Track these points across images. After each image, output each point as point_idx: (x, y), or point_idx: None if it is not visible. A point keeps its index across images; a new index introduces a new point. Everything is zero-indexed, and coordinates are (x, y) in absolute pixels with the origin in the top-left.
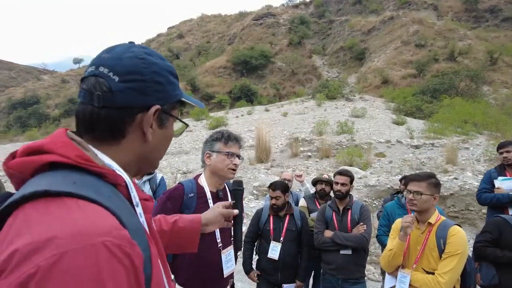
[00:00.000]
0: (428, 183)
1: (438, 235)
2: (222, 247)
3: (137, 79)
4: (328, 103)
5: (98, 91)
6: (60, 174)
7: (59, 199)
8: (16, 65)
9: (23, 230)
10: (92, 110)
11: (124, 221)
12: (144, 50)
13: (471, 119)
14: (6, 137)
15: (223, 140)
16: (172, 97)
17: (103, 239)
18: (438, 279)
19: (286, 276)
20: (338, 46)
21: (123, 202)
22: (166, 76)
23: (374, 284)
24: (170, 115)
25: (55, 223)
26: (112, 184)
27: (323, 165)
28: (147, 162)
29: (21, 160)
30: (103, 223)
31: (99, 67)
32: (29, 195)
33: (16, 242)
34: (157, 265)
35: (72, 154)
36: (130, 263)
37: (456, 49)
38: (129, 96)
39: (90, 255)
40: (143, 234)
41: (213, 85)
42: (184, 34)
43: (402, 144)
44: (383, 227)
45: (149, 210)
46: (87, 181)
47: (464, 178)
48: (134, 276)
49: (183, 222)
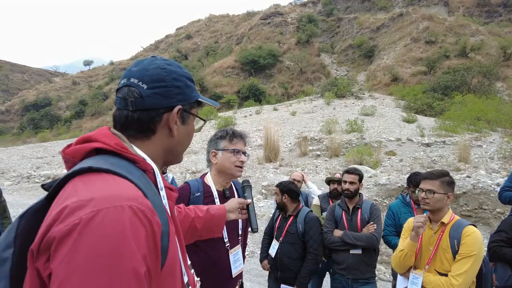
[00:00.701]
0: (442, 181)
1: (451, 235)
2: (230, 247)
3: (161, 85)
4: (337, 101)
5: (131, 97)
6: (102, 157)
7: (99, 174)
8: (29, 68)
9: (72, 193)
10: (127, 113)
11: (148, 196)
12: (165, 61)
13: (484, 116)
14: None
15: (228, 138)
16: (190, 98)
17: (130, 203)
18: (452, 281)
19: (285, 276)
20: (346, 44)
21: (149, 184)
22: (184, 81)
23: (384, 284)
24: (190, 113)
25: (95, 189)
26: (142, 170)
27: (332, 164)
28: (173, 154)
29: (74, 148)
30: (131, 192)
31: (130, 78)
32: (78, 169)
33: (66, 201)
34: (174, 242)
35: (112, 142)
36: (150, 226)
37: (468, 45)
38: (155, 99)
39: (118, 213)
40: (164, 212)
41: (222, 85)
42: (192, 35)
43: (413, 142)
44: (389, 227)
45: (173, 198)
46: (122, 163)
47: (477, 177)
48: (152, 239)
49: (213, 210)
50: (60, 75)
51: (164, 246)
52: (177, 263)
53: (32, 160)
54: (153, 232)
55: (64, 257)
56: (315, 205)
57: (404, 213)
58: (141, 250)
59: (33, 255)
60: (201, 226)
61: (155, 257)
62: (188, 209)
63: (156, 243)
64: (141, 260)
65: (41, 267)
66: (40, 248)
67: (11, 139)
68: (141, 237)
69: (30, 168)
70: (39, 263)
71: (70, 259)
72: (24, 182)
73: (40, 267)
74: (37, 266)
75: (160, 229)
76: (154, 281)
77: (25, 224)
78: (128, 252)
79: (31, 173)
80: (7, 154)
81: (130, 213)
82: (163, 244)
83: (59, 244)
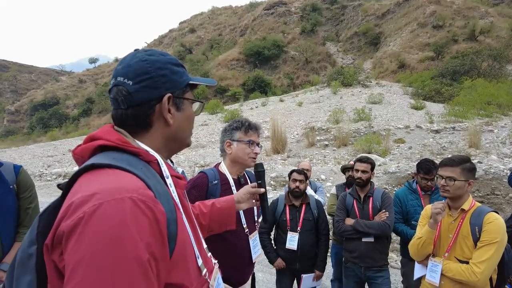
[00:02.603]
0: (463, 168)
1: (472, 222)
2: (249, 232)
3: (146, 78)
4: (344, 90)
5: (120, 96)
6: (106, 154)
7: (102, 170)
8: (35, 68)
9: (78, 190)
10: (121, 112)
11: (151, 186)
12: (146, 52)
13: (495, 101)
14: (30, 138)
15: (243, 129)
16: (180, 83)
17: (130, 194)
18: (473, 268)
19: (304, 265)
20: (352, 32)
21: (153, 174)
22: (170, 68)
23: (396, 272)
24: (184, 98)
25: (97, 184)
26: (146, 161)
27: (340, 154)
28: (176, 142)
29: (82, 147)
30: (131, 184)
31: (116, 77)
32: (82, 168)
33: (73, 198)
34: (183, 228)
35: (114, 138)
36: (153, 215)
37: (477, 28)
38: (144, 93)
39: (118, 205)
40: (170, 200)
41: (227, 78)
42: (196, 28)
43: (422, 129)
44: (395, 214)
45: (181, 186)
46: (124, 157)
47: (489, 162)
48: (157, 227)
49: (220, 203)
50: (66, 74)
51: (172, 233)
52: (188, 248)
53: (43, 159)
54: (156, 220)
55: (72, 248)
56: (332, 194)
57: (411, 200)
58: (143, 238)
59: (48, 249)
60: (207, 221)
61: (161, 244)
62: (192, 207)
63: (161, 230)
64: (144, 248)
65: (57, 260)
66: (53, 242)
67: (22, 139)
68: (143, 226)
69: (41, 167)
70: (54, 256)
71: (77, 249)
72: (36, 181)
73: (56, 260)
74: (53, 259)
75: (165, 217)
76: (163, 267)
77: (45, 221)
78: (129, 240)
79: (43, 172)
80: (19, 153)
81: (131, 204)
82: (171, 231)
83: (67, 238)
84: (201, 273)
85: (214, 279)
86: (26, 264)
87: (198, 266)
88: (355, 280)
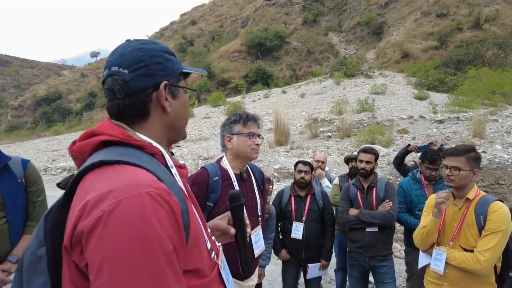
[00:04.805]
0: (467, 158)
1: (477, 211)
2: (251, 228)
3: (141, 66)
4: (347, 81)
5: (116, 86)
6: (111, 149)
7: (111, 166)
8: (38, 62)
9: (90, 188)
10: (118, 102)
11: (161, 178)
12: (139, 41)
13: (500, 90)
14: (34, 133)
15: (241, 121)
16: (173, 71)
17: (146, 189)
18: (478, 257)
19: (310, 255)
20: (354, 22)
21: (160, 166)
22: (163, 56)
23: (401, 261)
24: (178, 86)
25: (111, 181)
26: (150, 154)
27: (344, 145)
28: (174, 130)
29: (80, 144)
30: (145, 179)
31: (110, 68)
32: (89, 165)
33: (87, 197)
34: (194, 217)
35: (117, 133)
36: (170, 208)
37: (482, 16)
38: (140, 81)
39: (137, 200)
40: (179, 191)
41: (229, 70)
42: (197, 20)
43: (425, 119)
44: (399, 204)
45: (184, 176)
46: (130, 152)
47: (494, 151)
48: (174, 219)
49: None
50: (68, 68)
51: (186, 223)
52: (200, 234)
53: (47, 153)
54: (173, 212)
55: (94, 247)
56: (336, 185)
57: (415, 190)
58: (165, 231)
59: (67, 250)
60: None
61: (179, 234)
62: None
63: (178, 221)
64: (167, 240)
65: (77, 260)
66: (72, 243)
67: (26, 134)
68: (163, 219)
69: (46, 161)
70: (74, 256)
71: (100, 247)
72: (42, 175)
73: (76, 260)
74: (73, 259)
75: (179, 208)
76: (181, 255)
77: (51, 222)
78: (154, 234)
79: (48, 166)
80: (24, 148)
81: (149, 199)
82: (185, 221)
83: (88, 237)
84: (211, 256)
85: (221, 261)
86: (36, 266)
87: (208, 250)
88: (359, 269)
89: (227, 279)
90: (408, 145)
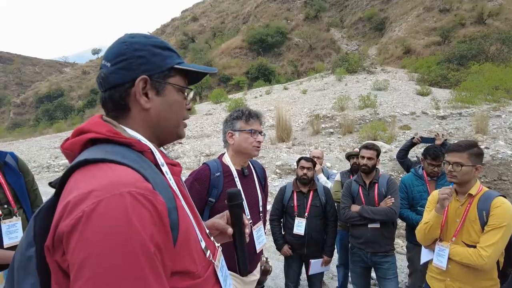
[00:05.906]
0: (470, 153)
1: (480, 207)
2: (252, 224)
3: (121, 59)
4: (349, 77)
5: (99, 79)
6: (98, 147)
7: (96, 165)
8: (39, 60)
9: (73, 188)
10: (102, 95)
11: (147, 177)
12: (129, 35)
13: (503, 85)
14: (36, 130)
15: (243, 118)
16: (160, 66)
17: (128, 189)
18: (481, 252)
19: (312, 250)
20: (356, 18)
21: (147, 164)
22: (150, 50)
23: (402, 257)
24: (166, 82)
25: (93, 181)
26: (139, 151)
27: (346, 141)
28: (162, 130)
29: (70, 141)
30: (128, 177)
31: (103, 61)
32: (75, 164)
33: (69, 196)
34: (185, 215)
35: (104, 130)
36: (153, 207)
37: (485, 11)
38: (118, 74)
39: (118, 200)
40: (167, 188)
41: (230, 67)
42: (198, 17)
43: (428, 115)
44: (402, 201)
45: (177, 173)
46: (116, 149)
47: (496, 147)
48: (158, 218)
49: None
50: (70, 66)
51: (174, 221)
52: (191, 232)
53: (50, 150)
54: (157, 212)
55: (74, 248)
56: (337, 181)
57: (417, 186)
58: (147, 231)
59: (49, 250)
60: None
61: (164, 233)
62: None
63: (163, 221)
64: (149, 241)
65: (60, 260)
66: (54, 244)
67: (28, 131)
68: (145, 219)
69: (49, 158)
70: (57, 256)
71: (80, 248)
72: (44, 172)
73: (58, 260)
74: (56, 260)
75: (165, 206)
76: (168, 255)
77: (40, 222)
78: (134, 235)
79: (50, 163)
80: (26, 145)
81: (130, 199)
82: (172, 219)
83: (68, 238)
84: (205, 255)
85: (218, 260)
86: (27, 266)
87: (202, 249)
88: (361, 265)
89: (224, 280)
90: (413, 138)
